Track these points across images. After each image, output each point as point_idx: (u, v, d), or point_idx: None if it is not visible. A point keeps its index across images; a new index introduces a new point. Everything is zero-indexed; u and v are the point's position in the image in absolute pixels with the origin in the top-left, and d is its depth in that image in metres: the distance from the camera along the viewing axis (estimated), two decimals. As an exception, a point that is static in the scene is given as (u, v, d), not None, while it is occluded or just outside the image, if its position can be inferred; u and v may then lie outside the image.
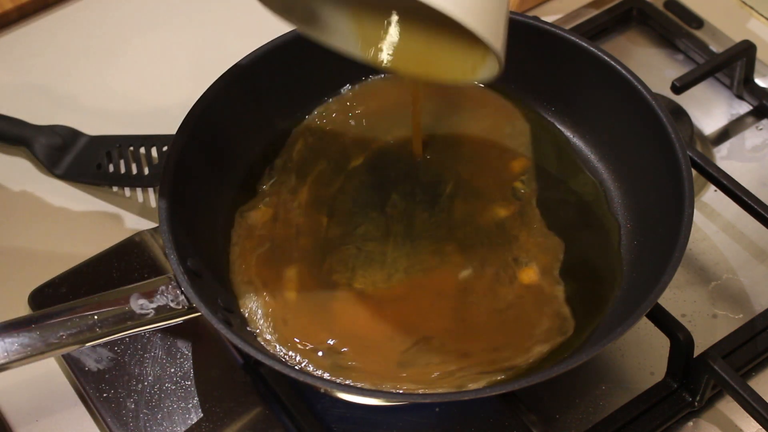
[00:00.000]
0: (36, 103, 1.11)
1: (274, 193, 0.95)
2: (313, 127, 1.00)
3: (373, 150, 0.98)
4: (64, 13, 1.19)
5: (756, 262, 0.97)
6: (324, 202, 0.95)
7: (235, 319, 0.87)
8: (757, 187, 0.99)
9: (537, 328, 0.86)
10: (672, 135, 0.89)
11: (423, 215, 0.94)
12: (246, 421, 0.88)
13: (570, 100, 0.99)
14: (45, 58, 1.15)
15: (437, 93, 0.99)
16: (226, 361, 0.91)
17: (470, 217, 0.93)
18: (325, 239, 0.92)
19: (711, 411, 0.89)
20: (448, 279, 0.89)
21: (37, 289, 0.96)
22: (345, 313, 0.88)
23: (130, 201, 1.03)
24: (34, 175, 1.06)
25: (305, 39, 0.98)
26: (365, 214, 0.94)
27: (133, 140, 1.05)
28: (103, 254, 0.98)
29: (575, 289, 0.89)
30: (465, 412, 0.88)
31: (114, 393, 0.90)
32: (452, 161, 0.97)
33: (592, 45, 0.96)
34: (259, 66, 0.96)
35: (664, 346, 0.88)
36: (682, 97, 1.05)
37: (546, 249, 0.91)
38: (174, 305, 0.83)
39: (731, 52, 1.06)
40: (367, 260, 0.91)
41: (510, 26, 0.97)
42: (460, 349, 0.85)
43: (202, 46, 1.16)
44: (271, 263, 0.91)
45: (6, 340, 0.78)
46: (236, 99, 0.96)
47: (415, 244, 0.92)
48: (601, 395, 0.89)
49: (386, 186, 0.96)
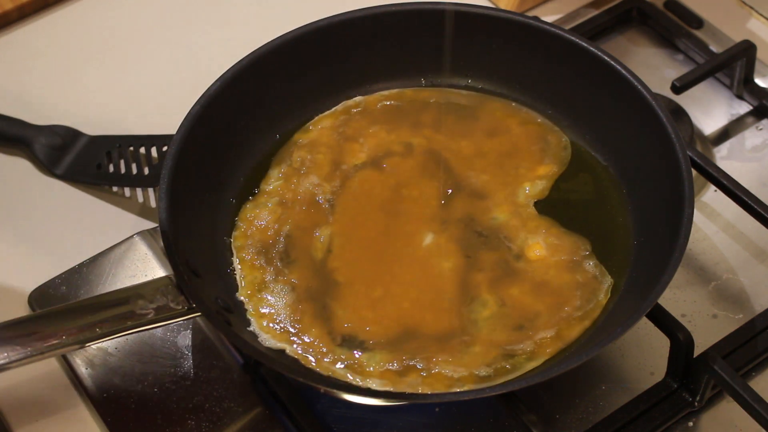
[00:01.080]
0: (36, 103, 1.11)
1: (274, 192, 0.95)
2: (314, 127, 1.00)
3: (375, 149, 0.98)
4: (64, 13, 1.19)
5: (756, 262, 0.97)
6: (325, 201, 0.95)
7: (235, 319, 0.87)
8: (757, 187, 0.99)
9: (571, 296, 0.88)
10: (672, 135, 0.89)
11: (430, 209, 0.94)
12: (246, 421, 0.88)
13: (569, 101, 0.99)
14: (45, 58, 1.15)
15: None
16: (226, 361, 0.91)
17: (476, 213, 0.94)
18: (330, 238, 0.92)
19: (711, 411, 0.89)
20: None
21: (37, 289, 0.96)
22: (346, 311, 0.88)
23: (130, 201, 1.03)
24: (34, 175, 1.06)
25: (307, 40, 0.98)
26: (368, 213, 0.94)
27: (133, 140, 1.05)
28: (103, 254, 0.98)
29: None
30: (465, 412, 0.88)
31: (114, 393, 0.90)
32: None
33: (592, 45, 0.96)
34: (260, 66, 0.96)
35: (664, 346, 0.88)
36: (682, 97, 1.05)
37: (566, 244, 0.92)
38: (174, 305, 0.83)
39: (731, 52, 1.06)
40: (370, 258, 0.91)
41: (510, 26, 0.98)
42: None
43: (202, 46, 1.16)
44: (271, 263, 0.91)
45: (6, 340, 0.78)
46: (236, 99, 0.96)
47: (418, 239, 0.92)
48: (601, 395, 0.89)
49: (389, 184, 0.96)
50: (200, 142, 0.92)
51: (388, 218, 0.93)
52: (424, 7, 0.99)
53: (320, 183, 0.96)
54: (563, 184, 0.96)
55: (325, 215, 0.94)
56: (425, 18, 0.99)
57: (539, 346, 0.85)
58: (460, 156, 0.97)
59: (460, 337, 0.86)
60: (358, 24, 0.99)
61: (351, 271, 0.90)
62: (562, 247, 0.91)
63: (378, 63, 1.01)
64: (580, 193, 0.95)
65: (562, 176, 0.96)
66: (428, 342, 0.86)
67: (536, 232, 0.92)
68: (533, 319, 0.87)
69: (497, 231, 0.92)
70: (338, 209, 0.94)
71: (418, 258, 0.91)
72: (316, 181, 0.96)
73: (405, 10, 0.99)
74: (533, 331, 0.86)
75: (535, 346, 0.85)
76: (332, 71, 1.00)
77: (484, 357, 0.85)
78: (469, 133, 0.99)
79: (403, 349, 0.86)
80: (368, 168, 0.97)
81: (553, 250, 0.91)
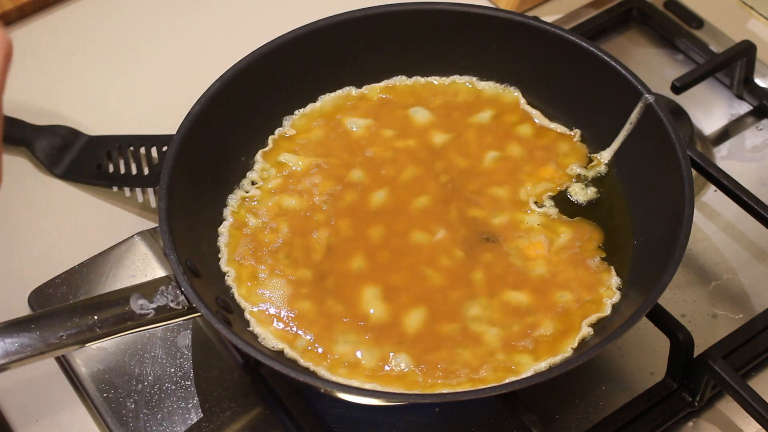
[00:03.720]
0: (36, 103, 1.11)
1: (275, 192, 0.95)
2: (313, 127, 1.00)
3: (375, 149, 0.98)
4: (64, 13, 1.19)
5: (756, 262, 0.97)
6: (325, 201, 0.95)
7: (235, 319, 0.87)
8: (757, 187, 0.99)
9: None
10: (672, 135, 0.89)
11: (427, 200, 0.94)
12: (246, 421, 0.88)
13: (569, 100, 0.99)
14: (45, 58, 1.15)
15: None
16: (226, 361, 0.91)
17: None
18: (328, 238, 0.92)
19: (711, 411, 0.89)
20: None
21: (37, 289, 0.96)
22: (345, 311, 0.88)
23: (130, 201, 1.03)
24: (34, 175, 1.06)
25: (307, 40, 0.98)
26: (368, 213, 0.94)
27: (133, 140, 1.05)
28: (103, 254, 0.98)
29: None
30: (465, 412, 0.88)
31: (114, 393, 0.90)
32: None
33: (592, 45, 0.96)
34: (260, 66, 0.96)
35: (664, 346, 0.88)
36: (682, 97, 1.05)
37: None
38: (174, 305, 0.83)
39: (731, 52, 1.06)
40: (369, 258, 0.91)
41: (510, 26, 0.98)
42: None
43: (201, 46, 1.16)
44: (271, 262, 0.91)
45: (6, 340, 0.78)
46: (236, 99, 0.96)
47: (419, 238, 0.92)
48: (601, 395, 0.89)
49: (390, 183, 0.96)
50: (200, 142, 0.92)
51: (388, 218, 0.93)
52: (424, 7, 0.99)
53: (320, 183, 0.96)
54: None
55: (324, 215, 0.94)
56: (425, 18, 0.99)
57: (539, 344, 0.85)
58: (461, 156, 0.97)
59: (459, 336, 0.86)
60: (358, 24, 0.99)
61: (350, 271, 0.90)
62: (563, 246, 0.91)
63: (378, 62, 1.01)
64: (580, 193, 0.95)
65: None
66: (428, 341, 0.86)
67: (537, 231, 0.92)
68: (533, 318, 0.87)
69: (498, 230, 0.92)
70: (338, 209, 0.94)
71: (418, 257, 0.91)
72: (316, 181, 0.96)
73: (405, 10, 1.00)
74: (533, 329, 0.86)
75: (535, 344, 0.85)
76: (332, 71, 1.00)
77: (483, 356, 0.85)
78: (469, 133, 0.99)
79: (402, 349, 0.86)
80: (368, 168, 0.97)
81: (554, 249, 0.91)
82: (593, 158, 0.97)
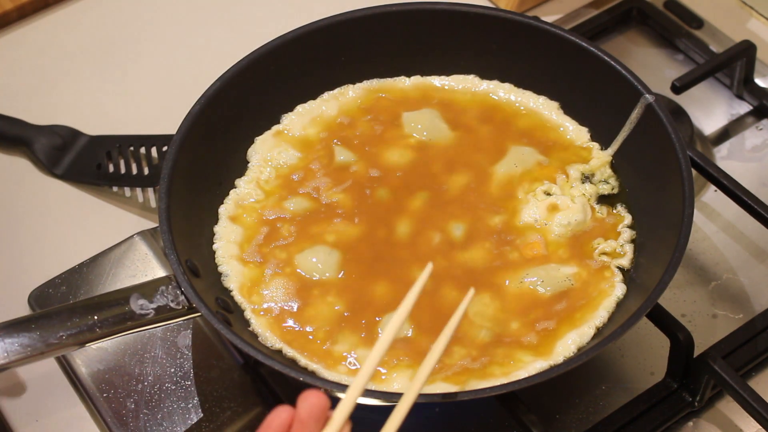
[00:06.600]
0: (36, 103, 1.11)
1: (275, 191, 0.95)
2: (313, 127, 1.00)
3: (376, 148, 0.98)
4: (64, 13, 1.19)
5: (756, 262, 0.97)
6: (326, 200, 0.95)
7: (234, 319, 0.87)
8: (757, 187, 0.99)
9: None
10: (672, 135, 0.89)
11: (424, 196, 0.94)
12: (246, 421, 0.88)
13: (569, 100, 0.99)
14: (45, 58, 1.15)
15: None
16: (226, 361, 0.91)
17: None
18: (325, 237, 0.92)
19: (711, 411, 0.89)
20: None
21: (37, 289, 0.96)
22: (345, 311, 0.88)
23: (130, 201, 1.03)
24: (34, 175, 1.06)
25: (306, 40, 0.98)
26: (368, 212, 0.94)
27: (133, 140, 1.05)
28: (103, 254, 0.98)
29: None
30: (465, 412, 0.88)
31: (114, 393, 0.90)
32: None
33: (592, 45, 0.96)
34: (260, 66, 0.96)
35: (664, 346, 0.88)
36: (682, 97, 1.05)
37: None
38: (174, 305, 0.83)
39: (731, 52, 1.06)
40: (369, 257, 0.91)
41: (510, 26, 0.98)
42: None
43: (201, 46, 1.16)
44: (271, 262, 0.91)
45: (6, 340, 0.78)
46: (236, 99, 0.96)
47: (418, 238, 0.92)
48: (601, 395, 0.89)
49: (390, 183, 0.96)
50: (200, 142, 0.92)
51: (388, 217, 0.93)
52: (424, 7, 0.99)
53: (319, 183, 0.96)
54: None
55: (323, 214, 0.94)
56: (425, 18, 0.99)
57: (540, 344, 0.85)
58: (462, 156, 0.97)
59: (459, 335, 0.86)
60: (358, 24, 0.99)
61: (350, 271, 0.90)
62: (564, 244, 0.91)
63: (377, 62, 1.01)
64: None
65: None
66: (428, 340, 0.86)
67: (537, 231, 0.92)
68: (533, 317, 0.87)
69: (499, 229, 0.92)
70: (338, 209, 0.94)
71: (418, 257, 0.91)
72: (316, 181, 0.96)
73: (405, 10, 1.00)
74: (533, 328, 0.86)
75: (539, 338, 0.85)
76: (332, 71, 1.00)
77: (483, 355, 0.85)
78: (470, 133, 0.99)
79: (402, 348, 0.86)
80: (369, 168, 0.97)
81: (555, 247, 0.91)
82: (593, 158, 0.97)
